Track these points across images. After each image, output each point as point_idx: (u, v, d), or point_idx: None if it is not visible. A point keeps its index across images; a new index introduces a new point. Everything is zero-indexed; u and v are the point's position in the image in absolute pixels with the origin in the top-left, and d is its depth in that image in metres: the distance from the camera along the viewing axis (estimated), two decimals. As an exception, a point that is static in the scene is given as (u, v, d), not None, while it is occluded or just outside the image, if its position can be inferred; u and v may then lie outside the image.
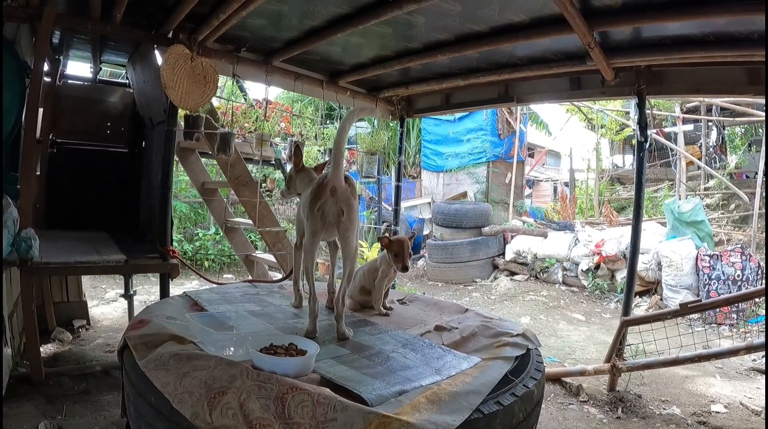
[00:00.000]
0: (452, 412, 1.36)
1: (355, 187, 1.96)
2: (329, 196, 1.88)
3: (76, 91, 4.90)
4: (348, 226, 1.92)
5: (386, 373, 1.58)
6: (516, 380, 1.65)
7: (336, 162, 1.87)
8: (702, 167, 10.05)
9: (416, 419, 1.28)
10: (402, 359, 1.72)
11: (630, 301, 3.84)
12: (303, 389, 1.33)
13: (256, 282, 3.00)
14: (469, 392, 1.47)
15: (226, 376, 1.40)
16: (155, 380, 1.49)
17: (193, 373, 1.45)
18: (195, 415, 1.34)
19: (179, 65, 3.44)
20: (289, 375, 1.44)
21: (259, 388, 1.35)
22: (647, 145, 3.85)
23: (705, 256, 6.24)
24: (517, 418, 1.53)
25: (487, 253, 8.48)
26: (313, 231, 1.95)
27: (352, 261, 1.99)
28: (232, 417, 1.31)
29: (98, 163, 4.81)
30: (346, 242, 1.96)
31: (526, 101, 4.56)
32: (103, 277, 6.72)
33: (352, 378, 1.50)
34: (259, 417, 1.28)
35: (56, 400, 2.97)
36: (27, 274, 3.04)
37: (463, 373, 1.62)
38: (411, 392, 1.44)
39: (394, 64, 3.90)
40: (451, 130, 11.01)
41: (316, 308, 1.94)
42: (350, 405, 1.28)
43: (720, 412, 3.44)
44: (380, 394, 1.39)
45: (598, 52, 3.17)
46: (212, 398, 1.35)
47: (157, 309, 2.18)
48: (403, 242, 2.38)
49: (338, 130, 1.90)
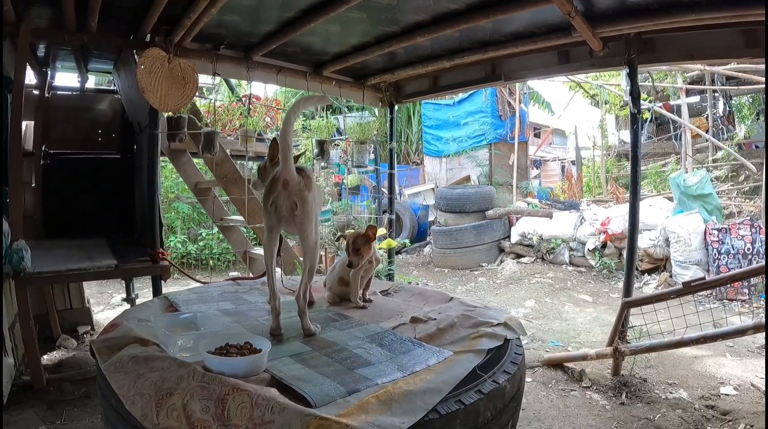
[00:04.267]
0: (404, 413, 1.30)
1: (311, 180, 1.92)
2: (281, 189, 1.85)
3: (66, 101, 4.95)
4: (303, 219, 1.88)
5: (343, 372, 1.53)
6: (485, 376, 1.57)
7: (284, 155, 1.83)
8: (709, 139, 9.82)
9: (358, 422, 1.22)
10: (366, 355, 1.67)
11: (631, 281, 3.75)
12: (244, 390, 1.30)
13: (240, 279, 2.97)
14: (426, 391, 1.40)
15: (174, 378, 1.39)
16: (113, 382, 1.49)
17: (146, 375, 1.45)
18: (144, 416, 1.34)
19: (156, 68, 3.41)
20: (238, 375, 1.41)
21: (202, 390, 1.33)
22: (645, 117, 3.75)
23: (713, 229, 6.10)
24: (484, 417, 1.46)
25: (492, 236, 8.38)
26: (269, 226, 1.92)
27: (312, 255, 1.95)
28: (176, 418, 1.30)
29: (92, 171, 4.85)
30: (303, 236, 1.92)
31: (515, 79, 4.46)
32: (110, 282, 6.81)
33: (303, 377, 1.46)
34: (200, 418, 1.27)
35: (57, 406, 3.02)
36: (21, 284, 3.10)
37: (427, 370, 1.55)
38: (363, 392, 1.39)
39: (376, 50, 3.85)
40: (450, 114, 10.93)
41: (277, 305, 1.90)
42: (289, 406, 1.24)
43: (729, 395, 3.32)
44: (327, 394, 1.35)
45: (581, 21, 3.07)
46: (160, 400, 1.34)
47: (134, 312, 2.19)
48: (351, 237, 2.32)
49: (284, 122, 1.86)
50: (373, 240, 2.36)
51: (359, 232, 2.34)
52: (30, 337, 3.15)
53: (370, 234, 2.34)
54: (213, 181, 4.85)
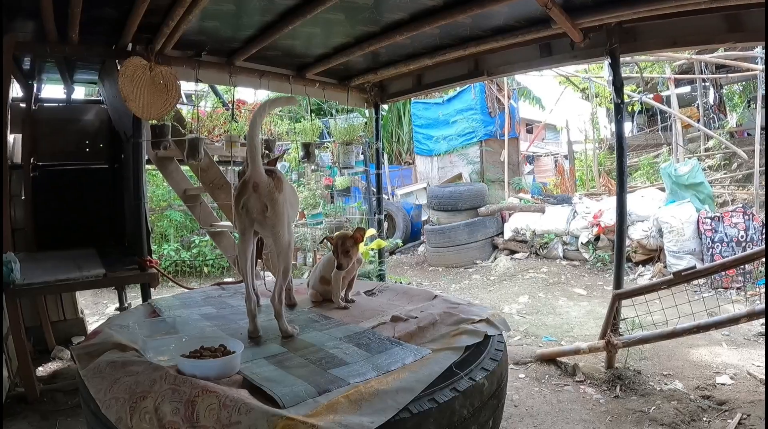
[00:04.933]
0: (374, 412, 1.30)
1: (281, 181, 1.91)
2: (251, 192, 1.84)
3: (52, 113, 4.93)
4: (275, 221, 1.88)
5: (316, 373, 1.53)
6: (461, 373, 1.56)
7: (252, 157, 1.82)
8: (700, 128, 9.83)
9: (325, 422, 1.22)
10: (341, 355, 1.67)
11: (621, 274, 3.73)
12: (213, 392, 1.30)
13: (226, 284, 2.97)
14: (399, 390, 1.40)
15: (148, 381, 1.40)
16: (91, 387, 1.50)
17: (122, 380, 1.45)
18: (119, 419, 1.34)
19: (138, 76, 3.42)
20: (210, 377, 1.41)
21: (173, 392, 1.34)
22: (635, 108, 3.75)
23: (706, 218, 6.10)
24: (460, 415, 1.45)
25: (486, 233, 8.39)
26: (241, 229, 1.92)
27: (285, 257, 1.94)
28: (149, 421, 1.30)
29: (81, 182, 4.82)
30: (275, 238, 1.92)
31: (498, 74, 4.48)
32: (104, 292, 6.79)
33: (274, 378, 1.46)
34: (170, 420, 1.28)
35: (50, 416, 3.01)
36: (11, 296, 3.07)
37: (402, 369, 1.55)
38: (334, 392, 1.39)
39: (357, 51, 3.85)
40: (440, 113, 10.92)
41: (253, 308, 1.91)
42: (255, 407, 1.24)
43: (726, 384, 3.29)
44: (296, 394, 1.35)
45: (559, 13, 3.08)
46: (134, 403, 1.35)
47: (116, 319, 2.19)
48: (339, 239, 2.32)
49: (250, 124, 1.86)
50: (360, 242, 2.36)
51: (346, 234, 2.34)
52: (22, 349, 3.13)
53: (357, 236, 2.34)
54: (201, 188, 4.85)
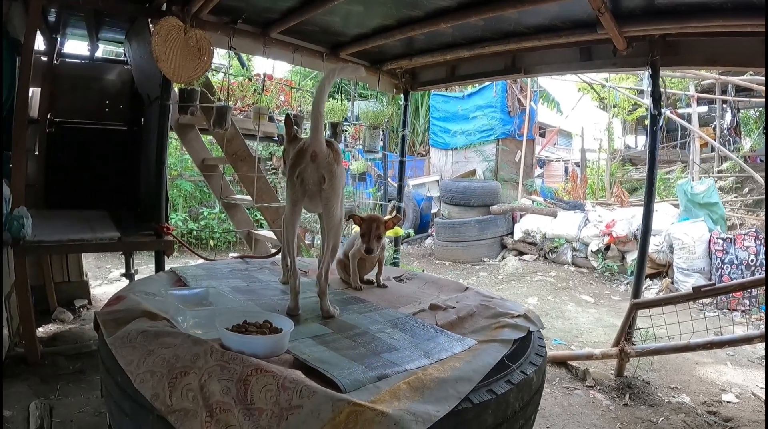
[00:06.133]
0: (437, 401, 1.23)
1: (339, 153, 1.83)
2: (309, 161, 1.75)
3: (74, 69, 4.85)
4: (330, 194, 1.79)
5: (368, 355, 1.45)
6: (513, 366, 1.52)
7: (315, 125, 1.74)
8: (717, 148, 9.82)
9: (393, 409, 1.15)
10: (389, 340, 1.60)
11: (640, 283, 3.71)
12: (268, 371, 1.21)
13: (249, 257, 2.90)
14: (458, 379, 1.34)
15: (189, 355, 1.30)
16: (120, 358, 1.40)
17: (157, 351, 1.36)
18: (155, 396, 1.24)
19: (172, 37, 3.33)
20: (258, 355, 1.33)
21: (221, 369, 1.24)
22: (661, 119, 3.69)
23: (718, 239, 6.05)
24: (513, 408, 1.41)
25: (496, 232, 8.36)
26: (293, 200, 1.82)
27: (336, 233, 1.86)
28: (192, 400, 1.20)
29: (98, 142, 4.77)
30: (328, 212, 1.83)
31: (534, 73, 4.40)
32: (108, 257, 6.76)
33: (328, 360, 1.38)
34: (219, 400, 1.18)
35: (51, 380, 2.95)
36: (20, 253, 3.04)
37: (454, 357, 1.49)
38: (393, 377, 1.32)
39: (396, 34, 3.75)
40: (459, 107, 10.82)
41: (297, 284, 1.82)
42: (318, 391, 1.16)
43: (731, 402, 3.32)
44: (357, 378, 1.27)
45: (609, 19, 3.00)
46: (173, 379, 1.25)
47: (139, 285, 2.10)
48: (372, 221, 2.23)
49: (316, 91, 1.77)
50: (392, 228, 2.29)
51: (379, 219, 2.26)
52: (26, 308, 3.09)
53: (390, 223, 2.27)
54: (221, 159, 4.78)
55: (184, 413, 1.21)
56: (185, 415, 1.20)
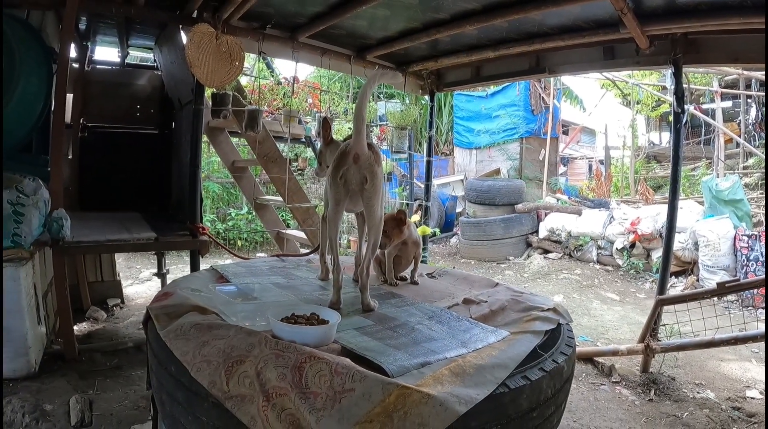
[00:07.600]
0: (476, 385, 1.30)
1: (379, 155, 1.89)
2: (352, 163, 1.82)
3: (105, 75, 5.02)
4: (372, 194, 1.86)
5: (410, 345, 1.52)
6: (545, 355, 1.57)
7: (357, 128, 1.80)
8: (742, 144, 9.66)
9: (437, 391, 1.22)
10: (427, 331, 1.67)
11: (666, 280, 3.74)
12: (321, 358, 1.29)
13: (285, 256, 2.98)
14: (495, 366, 1.40)
15: (244, 345, 1.37)
16: (175, 349, 1.47)
17: (212, 342, 1.42)
18: (212, 383, 1.31)
19: (204, 44, 3.43)
20: (308, 344, 1.40)
21: (276, 357, 1.31)
22: (684, 117, 3.69)
23: (743, 236, 6.01)
24: (545, 395, 1.46)
25: (521, 230, 8.39)
26: (336, 200, 1.89)
27: (377, 231, 1.93)
28: (248, 386, 1.27)
29: (129, 146, 4.92)
30: (370, 211, 1.90)
31: (558, 72, 4.44)
32: (138, 257, 6.92)
33: (373, 348, 1.46)
34: (276, 386, 1.25)
35: (88, 376, 3.05)
36: (59, 253, 3.16)
37: (489, 347, 1.55)
38: (434, 364, 1.39)
39: (422, 37, 3.82)
40: (483, 106, 10.84)
41: (340, 279, 1.89)
42: (369, 375, 1.24)
43: (755, 398, 3.34)
44: (402, 365, 1.34)
45: (632, 19, 3.04)
46: (230, 367, 1.32)
47: (183, 282, 2.17)
48: (389, 219, 2.26)
49: (359, 95, 1.83)
50: (403, 224, 2.33)
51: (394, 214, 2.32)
52: (65, 306, 3.20)
53: (400, 217, 2.32)
54: (251, 160, 4.88)
55: (240, 398, 1.27)
56: (242, 400, 1.27)
